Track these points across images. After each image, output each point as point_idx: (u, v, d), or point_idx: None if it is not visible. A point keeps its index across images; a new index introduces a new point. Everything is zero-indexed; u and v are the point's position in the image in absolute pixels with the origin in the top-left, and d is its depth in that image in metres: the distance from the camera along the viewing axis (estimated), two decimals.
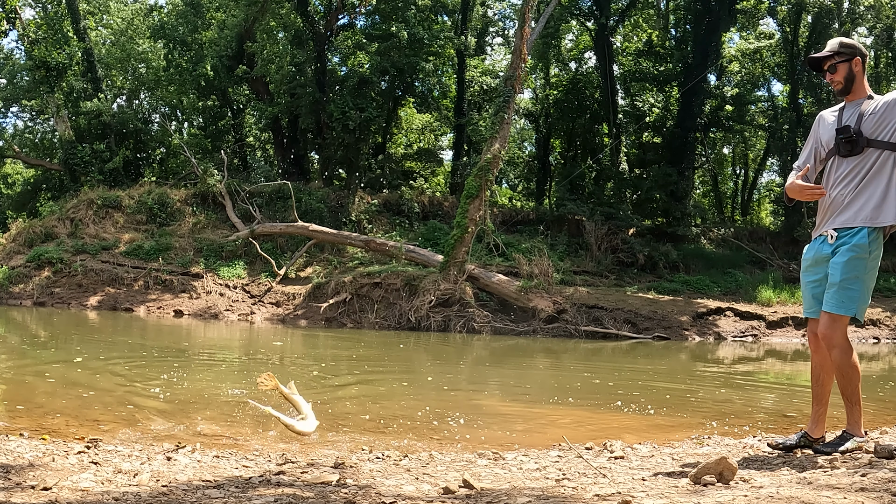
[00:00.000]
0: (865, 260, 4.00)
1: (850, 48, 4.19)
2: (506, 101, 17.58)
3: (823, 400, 4.29)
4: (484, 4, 30.64)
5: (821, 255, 4.14)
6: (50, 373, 8.20)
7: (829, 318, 4.00)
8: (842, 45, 4.21)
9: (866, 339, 18.16)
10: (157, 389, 7.35)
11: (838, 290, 3.97)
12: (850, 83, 4.18)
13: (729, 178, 36.85)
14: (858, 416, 4.16)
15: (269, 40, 25.67)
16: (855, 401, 4.13)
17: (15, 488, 3.33)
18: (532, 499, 3.07)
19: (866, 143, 4.04)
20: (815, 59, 4.27)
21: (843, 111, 4.23)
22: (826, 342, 4.04)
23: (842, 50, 4.17)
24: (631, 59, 28.86)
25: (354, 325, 16.88)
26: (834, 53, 4.18)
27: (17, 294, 19.53)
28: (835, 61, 4.18)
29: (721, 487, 3.24)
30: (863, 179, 4.02)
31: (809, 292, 4.21)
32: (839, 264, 3.99)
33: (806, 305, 4.25)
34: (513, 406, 7.44)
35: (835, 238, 4.06)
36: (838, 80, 4.20)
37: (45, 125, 31.82)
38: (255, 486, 3.51)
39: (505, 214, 25.66)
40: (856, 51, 4.17)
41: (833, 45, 4.23)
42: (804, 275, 4.26)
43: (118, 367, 9.20)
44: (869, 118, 4.05)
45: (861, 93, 4.18)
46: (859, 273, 3.99)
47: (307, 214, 22.23)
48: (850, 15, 23.85)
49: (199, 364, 10.20)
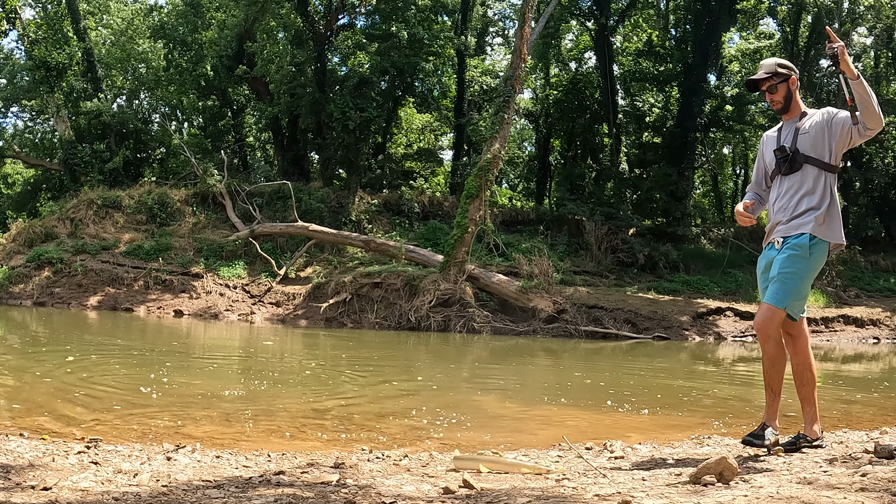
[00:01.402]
0: (805, 259, 4.14)
1: (788, 68, 4.38)
2: (506, 101, 17.58)
3: (811, 399, 4.37)
4: (484, 4, 30.64)
5: (769, 261, 4.31)
6: (50, 373, 8.20)
7: (767, 310, 4.16)
8: (779, 65, 4.38)
9: (866, 339, 18.17)
10: (156, 389, 7.35)
11: (775, 282, 4.15)
12: (788, 102, 4.37)
13: (729, 178, 36.86)
14: (777, 408, 4.32)
15: (269, 40, 25.67)
16: (777, 392, 4.28)
17: (15, 488, 3.33)
18: (532, 499, 3.07)
19: (803, 159, 4.23)
20: (753, 81, 4.42)
21: (782, 130, 4.42)
22: (762, 333, 4.19)
23: (780, 70, 4.35)
24: (631, 59, 28.87)
25: (354, 325, 16.88)
26: (773, 74, 4.35)
27: (17, 294, 19.53)
28: (774, 82, 4.34)
29: (721, 487, 3.24)
30: (803, 196, 4.20)
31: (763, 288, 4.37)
32: (779, 260, 4.18)
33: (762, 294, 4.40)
34: (513, 406, 7.44)
35: (780, 243, 4.24)
36: (778, 100, 4.37)
37: (45, 125, 31.84)
38: (255, 486, 3.51)
39: (505, 214, 25.66)
40: (792, 71, 4.38)
41: (770, 66, 4.39)
42: (760, 280, 4.42)
43: (118, 367, 9.20)
44: (803, 137, 4.25)
45: (797, 110, 4.39)
46: (797, 270, 4.13)
47: (307, 214, 22.23)
48: (850, 15, 23.85)
49: (199, 364, 10.20)
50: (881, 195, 27.89)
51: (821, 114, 4.31)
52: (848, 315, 18.88)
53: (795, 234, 4.16)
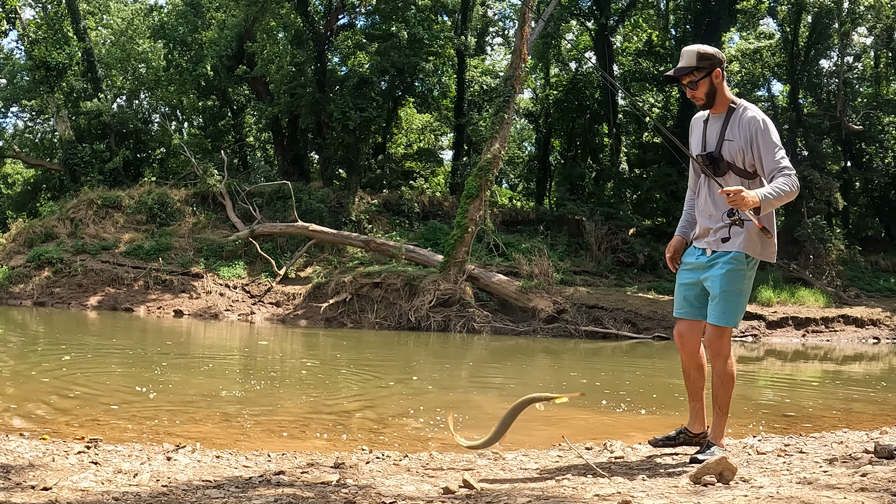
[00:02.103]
0: (744, 271, 3.98)
1: (709, 60, 3.95)
2: (506, 101, 17.58)
3: (698, 396, 4.25)
4: (484, 4, 30.62)
5: (698, 263, 4.10)
6: (49, 373, 8.20)
7: (715, 330, 3.97)
8: (700, 56, 3.95)
9: (866, 339, 18.17)
10: (154, 389, 7.35)
11: (721, 301, 3.95)
12: (712, 98, 4.01)
13: None
14: (724, 426, 4.11)
15: (269, 40, 25.66)
16: (725, 410, 4.07)
17: (15, 488, 3.33)
18: (532, 499, 3.07)
19: (727, 167, 3.97)
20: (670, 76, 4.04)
21: (708, 124, 4.08)
22: (713, 352, 4.01)
23: (700, 64, 3.94)
24: (631, 59, 28.86)
25: (354, 325, 16.88)
26: (693, 69, 3.95)
27: (17, 294, 19.53)
28: (695, 78, 3.97)
29: (721, 487, 3.24)
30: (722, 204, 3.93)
31: (682, 294, 4.19)
32: (718, 276, 3.96)
33: (677, 306, 4.23)
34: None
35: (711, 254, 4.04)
36: (699, 97, 4.01)
37: (45, 125, 31.80)
38: (255, 486, 3.51)
39: (505, 214, 25.65)
40: (715, 61, 3.95)
41: (690, 57, 3.97)
42: (680, 276, 4.22)
43: (118, 366, 9.20)
44: (728, 144, 3.95)
45: (724, 103, 4.02)
46: (738, 284, 3.96)
47: (307, 214, 22.23)
48: (850, 15, 23.82)
49: (199, 364, 10.20)
50: (881, 195, 27.88)
51: (748, 124, 3.92)
52: (848, 315, 18.88)
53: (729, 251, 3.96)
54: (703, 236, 4.10)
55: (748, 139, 3.90)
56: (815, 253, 22.63)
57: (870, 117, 25.79)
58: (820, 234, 22.60)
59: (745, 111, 3.97)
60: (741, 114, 3.97)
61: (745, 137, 3.91)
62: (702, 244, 4.11)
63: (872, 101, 26.63)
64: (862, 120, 25.35)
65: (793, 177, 3.81)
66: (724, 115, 4.01)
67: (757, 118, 3.91)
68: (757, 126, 3.89)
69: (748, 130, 3.91)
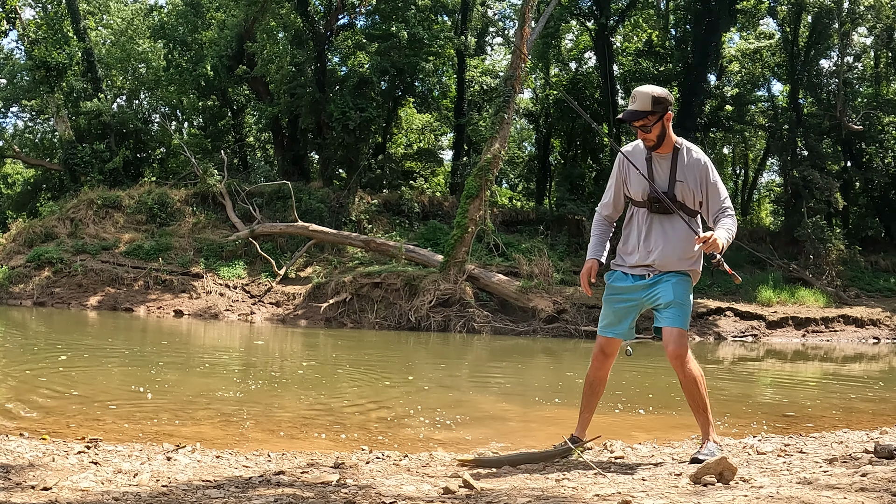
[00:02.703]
0: (690, 282, 4.25)
1: (662, 103, 4.05)
2: (506, 101, 17.58)
3: (593, 408, 4.53)
4: (484, 4, 30.60)
5: (636, 286, 4.25)
6: (49, 373, 8.20)
7: (680, 334, 4.10)
8: (654, 101, 4.05)
9: (866, 339, 18.17)
10: (155, 389, 7.35)
11: (678, 307, 4.11)
12: (661, 139, 4.11)
13: (729, 178, 36.82)
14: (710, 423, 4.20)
15: (269, 40, 25.65)
16: (706, 408, 4.16)
17: (15, 488, 3.33)
18: (532, 499, 3.07)
19: (679, 206, 4.14)
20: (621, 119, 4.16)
21: (652, 164, 4.17)
22: (680, 358, 4.09)
23: (655, 108, 4.04)
24: (631, 59, 28.84)
25: (354, 325, 16.88)
26: (648, 113, 4.05)
27: (17, 294, 19.53)
28: (649, 122, 4.06)
29: (721, 487, 3.24)
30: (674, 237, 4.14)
31: (616, 314, 4.33)
32: (670, 285, 4.15)
33: (606, 323, 4.37)
34: (513, 406, 7.44)
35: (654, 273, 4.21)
36: (651, 139, 4.11)
37: (45, 125, 31.80)
38: (255, 486, 3.51)
39: (505, 214, 25.65)
40: (667, 104, 4.07)
41: (645, 100, 4.05)
42: (613, 298, 4.34)
43: (117, 367, 9.20)
44: (679, 185, 4.11)
45: (669, 144, 4.14)
46: (688, 293, 4.20)
47: (307, 214, 22.23)
48: (850, 15, 23.80)
49: (199, 364, 10.20)
50: (881, 195, 27.88)
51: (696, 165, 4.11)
52: (848, 315, 18.88)
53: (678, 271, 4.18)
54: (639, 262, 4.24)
55: (698, 180, 4.11)
56: (815, 253, 22.63)
57: (870, 117, 25.78)
58: (820, 234, 22.60)
59: (691, 152, 4.14)
60: (687, 155, 4.13)
61: (695, 179, 4.11)
62: (640, 271, 4.25)
63: (872, 101, 26.62)
64: (862, 120, 25.34)
65: (734, 217, 4.14)
66: (669, 155, 4.14)
67: (703, 160, 4.13)
68: (706, 168, 4.12)
69: (697, 172, 4.11)
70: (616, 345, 4.43)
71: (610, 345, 4.42)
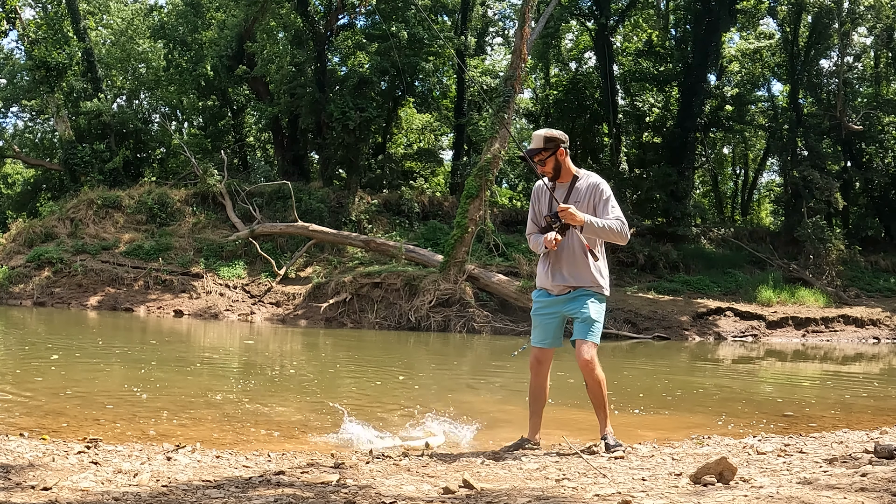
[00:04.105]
0: (604, 303, 4.86)
1: (553, 141, 4.80)
2: (506, 101, 17.58)
3: (540, 413, 5.03)
4: (484, 4, 30.61)
5: (557, 300, 4.87)
6: (49, 373, 8.20)
7: (591, 346, 4.75)
8: (546, 140, 4.82)
9: (866, 339, 18.17)
10: (155, 389, 7.35)
11: (590, 323, 4.73)
12: (558, 171, 4.85)
13: (729, 178, 36.84)
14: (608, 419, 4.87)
15: (269, 40, 25.65)
16: (605, 406, 4.84)
17: (15, 488, 3.33)
18: (532, 499, 3.07)
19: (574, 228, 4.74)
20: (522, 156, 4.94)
21: (556, 191, 4.86)
22: (590, 365, 4.73)
23: (547, 146, 4.80)
24: (631, 59, 28.84)
25: (354, 325, 16.88)
26: (541, 150, 4.81)
27: (17, 294, 19.53)
28: (543, 157, 4.82)
29: (721, 487, 3.24)
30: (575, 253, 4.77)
31: (543, 328, 4.94)
32: (586, 303, 4.76)
33: (539, 337, 4.95)
34: (513, 406, 7.44)
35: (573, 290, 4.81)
36: (548, 171, 4.86)
37: (45, 125, 31.79)
38: (255, 486, 3.51)
39: (505, 214, 25.64)
40: (558, 142, 4.81)
41: (538, 140, 4.84)
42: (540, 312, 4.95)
43: (117, 367, 9.20)
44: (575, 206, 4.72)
45: (568, 175, 4.87)
46: (602, 311, 4.82)
47: (307, 214, 22.22)
48: (850, 15, 23.78)
49: (199, 364, 10.20)
50: (881, 195, 27.87)
51: (588, 189, 4.78)
52: (848, 315, 18.88)
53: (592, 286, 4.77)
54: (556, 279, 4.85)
55: (589, 199, 4.78)
56: (815, 253, 22.63)
57: (870, 117, 25.77)
58: (820, 234, 22.59)
59: (588, 177, 4.86)
60: (583, 180, 4.84)
61: (588, 198, 4.78)
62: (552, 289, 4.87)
63: (872, 101, 26.62)
64: (862, 120, 25.33)
65: (623, 225, 4.70)
66: (568, 184, 4.87)
67: (596, 183, 4.82)
68: (597, 188, 4.80)
69: (588, 192, 4.80)
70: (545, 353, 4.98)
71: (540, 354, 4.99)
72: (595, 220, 4.66)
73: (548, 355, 4.98)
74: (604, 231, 4.67)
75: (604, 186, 4.81)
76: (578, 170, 4.92)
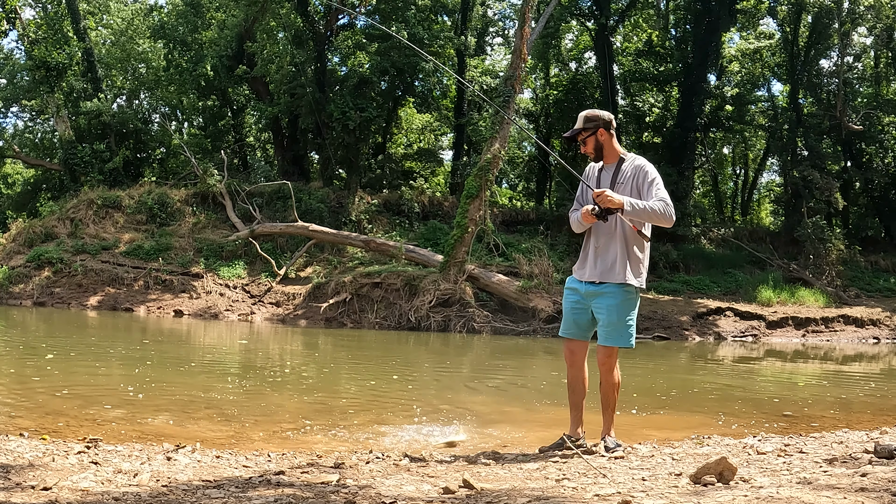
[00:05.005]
0: (634, 300, 4.68)
1: (594, 121, 4.71)
2: (506, 101, 17.58)
3: (580, 406, 4.88)
4: (484, 4, 30.61)
5: (588, 291, 4.71)
6: (49, 373, 8.20)
7: (607, 350, 4.72)
8: (586, 119, 4.73)
9: (866, 339, 18.17)
10: (155, 389, 7.35)
11: (617, 328, 4.65)
12: (599, 151, 4.74)
13: (729, 178, 36.83)
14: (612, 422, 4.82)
15: (269, 40, 25.64)
16: (613, 409, 4.83)
17: (15, 488, 3.33)
18: (532, 499, 3.07)
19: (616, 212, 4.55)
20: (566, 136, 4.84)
21: (602, 172, 4.77)
22: (606, 367, 4.75)
23: (587, 126, 4.72)
24: (631, 59, 28.83)
25: (354, 325, 16.88)
26: (581, 130, 4.73)
27: (17, 294, 19.52)
28: (583, 136, 4.75)
29: (721, 487, 3.24)
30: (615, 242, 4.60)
31: (572, 317, 4.81)
32: (613, 306, 4.62)
33: (566, 326, 4.85)
34: (513, 406, 7.44)
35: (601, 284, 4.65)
36: (588, 151, 4.78)
37: (45, 125, 31.78)
38: (255, 486, 3.51)
39: (505, 214, 25.64)
40: (599, 122, 4.70)
41: (580, 120, 4.75)
42: (570, 301, 4.82)
43: (117, 367, 9.20)
44: (619, 188, 4.60)
45: (613, 156, 4.74)
46: (631, 310, 4.68)
47: (307, 214, 22.22)
48: (850, 15, 23.79)
49: (199, 364, 10.20)
50: (881, 195, 27.87)
51: (633, 171, 4.61)
52: (848, 315, 18.88)
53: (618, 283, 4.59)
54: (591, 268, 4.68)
55: (633, 181, 4.61)
56: (815, 253, 22.63)
57: (870, 117, 25.78)
58: (820, 234, 22.60)
59: (633, 160, 4.69)
60: (629, 162, 4.68)
61: (632, 180, 4.61)
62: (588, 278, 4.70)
63: (872, 101, 26.61)
64: (862, 120, 25.33)
65: (667, 206, 4.51)
66: (614, 165, 4.72)
67: (641, 164, 4.64)
68: (641, 169, 4.62)
69: (633, 174, 4.63)
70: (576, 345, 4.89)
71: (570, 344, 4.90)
72: (636, 202, 4.48)
73: (580, 346, 4.85)
74: (645, 213, 4.49)
75: (649, 168, 4.64)
76: (626, 152, 4.77)
